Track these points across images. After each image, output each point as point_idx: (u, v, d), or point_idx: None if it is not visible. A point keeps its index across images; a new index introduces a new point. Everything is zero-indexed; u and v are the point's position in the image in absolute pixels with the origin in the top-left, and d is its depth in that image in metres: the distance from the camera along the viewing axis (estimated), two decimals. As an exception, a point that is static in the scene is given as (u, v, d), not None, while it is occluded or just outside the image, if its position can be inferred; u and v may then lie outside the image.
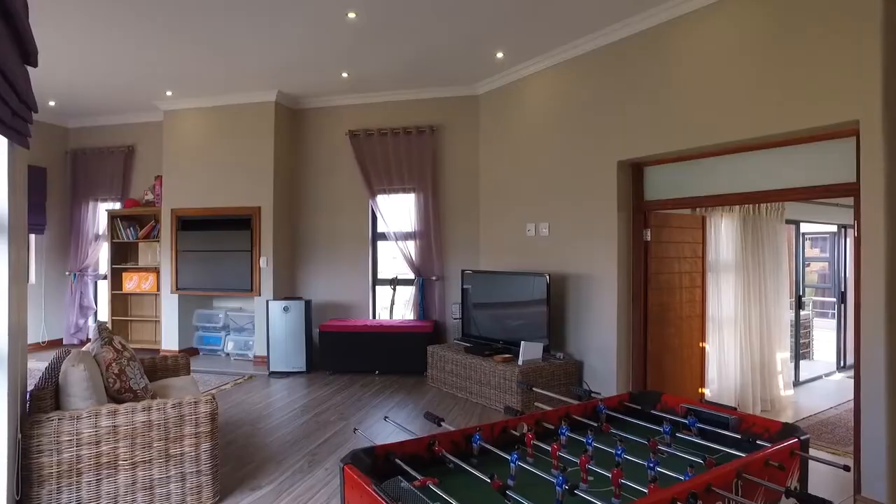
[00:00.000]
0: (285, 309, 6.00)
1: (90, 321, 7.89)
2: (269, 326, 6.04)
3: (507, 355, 4.94)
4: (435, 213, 6.31)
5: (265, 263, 6.41)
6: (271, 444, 3.92)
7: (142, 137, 7.53)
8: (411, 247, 6.37)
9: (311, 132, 6.83)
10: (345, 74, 5.87)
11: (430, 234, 6.30)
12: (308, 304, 6.07)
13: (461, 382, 5.15)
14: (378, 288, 6.70)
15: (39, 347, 7.54)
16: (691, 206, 4.69)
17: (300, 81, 6.09)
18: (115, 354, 3.20)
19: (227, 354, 6.84)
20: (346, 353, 5.94)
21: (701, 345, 5.18)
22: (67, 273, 7.78)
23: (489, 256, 6.13)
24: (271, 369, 6.01)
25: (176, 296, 6.82)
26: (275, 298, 6.30)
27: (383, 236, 6.54)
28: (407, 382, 5.66)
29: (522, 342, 4.76)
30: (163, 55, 5.37)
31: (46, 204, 7.60)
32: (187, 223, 6.82)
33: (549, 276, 4.94)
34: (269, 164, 6.44)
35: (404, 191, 6.45)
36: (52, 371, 2.94)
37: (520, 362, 4.72)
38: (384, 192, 6.45)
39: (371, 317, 6.59)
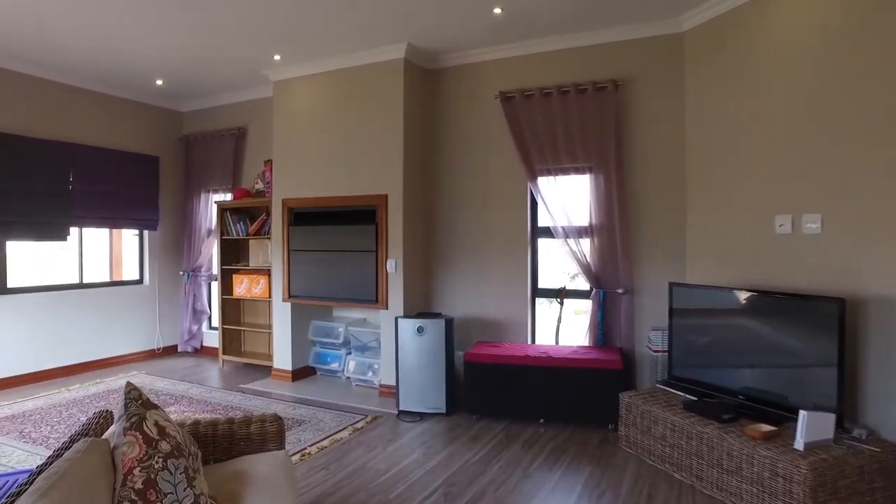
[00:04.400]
0: (419, 330, 4.54)
1: (204, 327, 7.04)
2: (398, 351, 4.62)
3: (768, 428, 3.06)
4: (620, 199, 4.53)
5: (393, 268, 5.00)
6: (403, 576, 2.43)
7: (253, 117, 6.46)
8: (586, 247, 4.64)
9: (449, 97, 5.30)
10: (497, 10, 4.25)
11: (615, 229, 4.53)
12: (449, 324, 4.57)
13: (681, 457, 3.36)
14: (539, 301, 5.05)
15: (154, 355, 6.80)
16: None
17: (436, 27, 4.56)
18: (141, 451, 1.84)
19: (348, 378, 5.55)
20: (500, 391, 4.36)
21: None
22: (181, 273, 6.97)
23: (704, 263, 4.24)
24: (401, 408, 4.59)
25: (288, 304, 5.64)
26: (405, 315, 4.87)
27: (547, 232, 4.85)
28: (588, 441, 3.97)
29: (803, 412, 2.86)
30: (264, 7, 4.11)
31: (160, 197, 6.80)
32: (301, 216, 5.60)
33: (842, 300, 3.01)
34: (397, 140, 5.00)
35: (576, 170, 4.73)
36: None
37: (799, 444, 2.84)
38: (548, 172, 4.76)
39: (529, 340, 4.95)
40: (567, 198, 4.70)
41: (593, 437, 4.05)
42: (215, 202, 6.48)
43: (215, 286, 6.62)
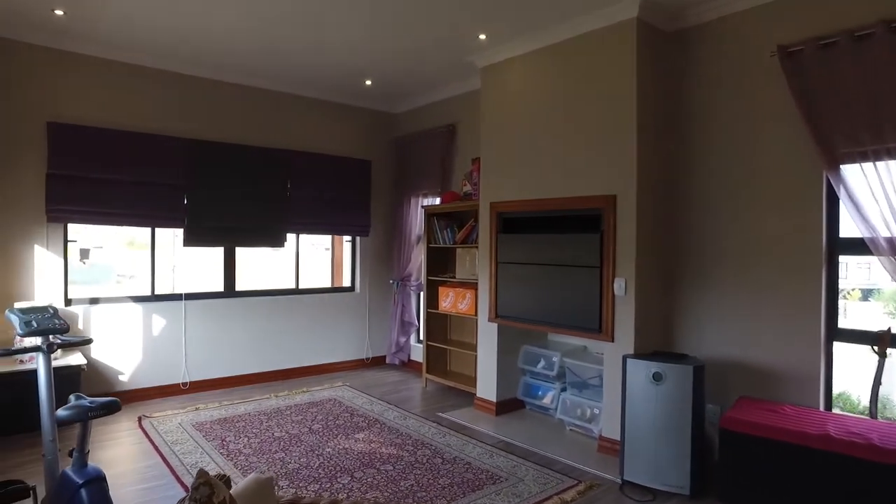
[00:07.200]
0: (656, 376, 3.36)
1: (412, 339, 6.66)
2: (625, 399, 3.50)
3: None
4: None
5: (622, 289, 3.88)
6: None
7: (463, 112, 5.84)
8: (931, 270, 2.99)
9: (698, 65, 3.99)
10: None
11: None
12: (699, 372, 3.29)
13: None
14: (838, 345, 3.46)
15: (363, 364, 6.62)
16: None
17: (688, -36, 3.35)
18: None
19: (561, 420, 4.56)
20: (776, 479, 2.97)
21: None
22: (391, 281, 6.69)
23: None
24: (626, 476, 3.46)
25: (495, 325, 4.86)
26: (637, 353, 3.72)
27: (859, 245, 3.25)
28: None
29: None
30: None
31: (371, 202, 6.60)
32: (511, 223, 4.77)
33: None
34: (628, 126, 3.88)
35: (912, 151, 3.09)
36: None
37: None
38: (861, 156, 3.16)
39: (822, 402, 3.40)
40: (892, 192, 3.09)
41: (955, 586, 2.46)
42: (422, 207, 6.03)
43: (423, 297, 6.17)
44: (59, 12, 4.14)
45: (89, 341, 3.12)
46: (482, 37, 4.47)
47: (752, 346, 3.66)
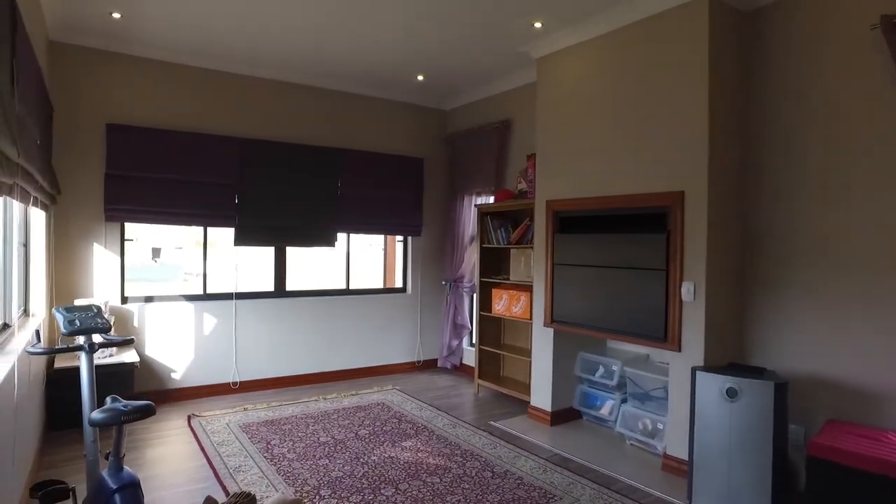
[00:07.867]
0: (730, 392, 3.01)
1: (464, 343, 6.45)
2: (694, 416, 3.17)
3: None
4: None
5: (690, 294, 3.54)
6: None
7: (518, 107, 5.58)
8: None
9: (779, 45, 3.59)
10: None
11: None
12: (781, 390, 2.92)
13: None
14: (950, 364, 3.02)
15: (414, 367, 6.46)
16: None
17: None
18: None
19: (621, 434, 4.23)
20: (874, 514, 2.59)
21: None
22: (443, 283, 6.50)
23: None
24: (694, 501, 3.12)
25: (551, 330, 4.59)
26: (707, 365, 3.37)
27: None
28: None
29: None
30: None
31: (423, 201, 6.44)
32: (568, 222, 4.49)
33: None
34: (699, 116, 3.53)
35: None
36: None
37: None
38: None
39: (930, 427, 2.98)
40: None
41: None
42: (476, 205, 5.81)
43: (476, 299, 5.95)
44: (116, 15, 4.18)
45: (131, 341, 3.07)
46: (537, 25, 4.21)
47: (840, 360, 3.24)
